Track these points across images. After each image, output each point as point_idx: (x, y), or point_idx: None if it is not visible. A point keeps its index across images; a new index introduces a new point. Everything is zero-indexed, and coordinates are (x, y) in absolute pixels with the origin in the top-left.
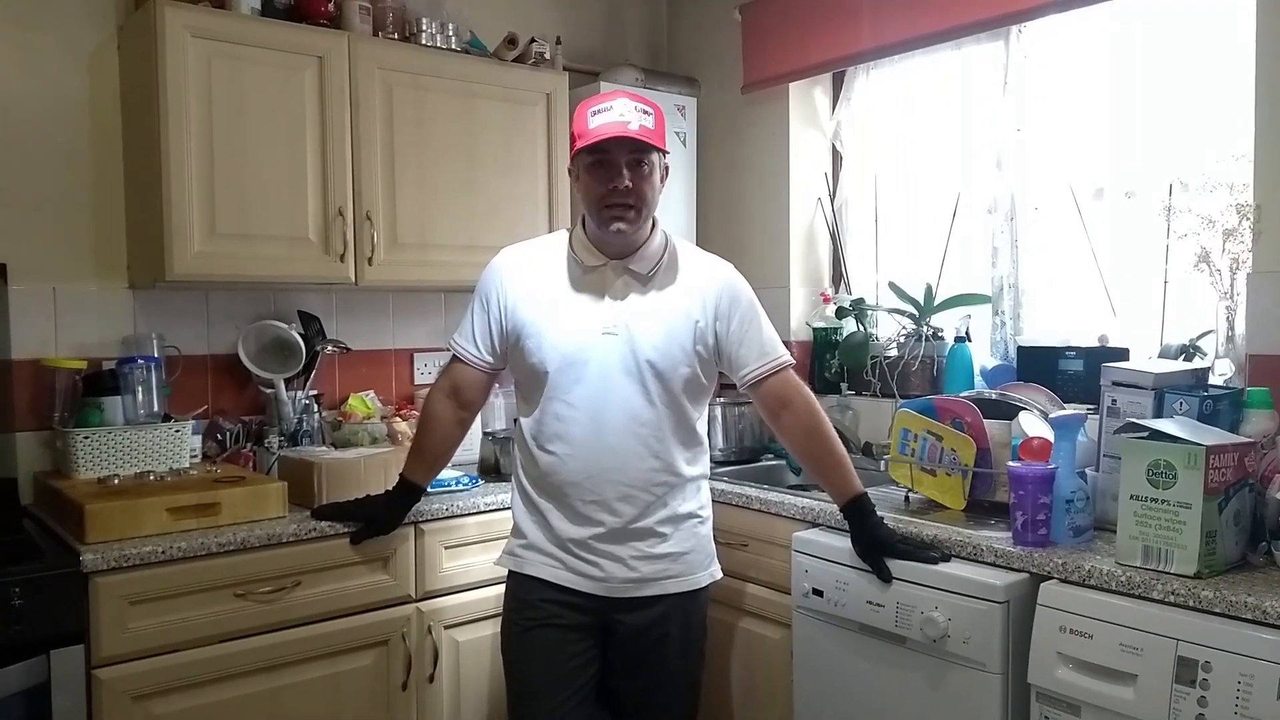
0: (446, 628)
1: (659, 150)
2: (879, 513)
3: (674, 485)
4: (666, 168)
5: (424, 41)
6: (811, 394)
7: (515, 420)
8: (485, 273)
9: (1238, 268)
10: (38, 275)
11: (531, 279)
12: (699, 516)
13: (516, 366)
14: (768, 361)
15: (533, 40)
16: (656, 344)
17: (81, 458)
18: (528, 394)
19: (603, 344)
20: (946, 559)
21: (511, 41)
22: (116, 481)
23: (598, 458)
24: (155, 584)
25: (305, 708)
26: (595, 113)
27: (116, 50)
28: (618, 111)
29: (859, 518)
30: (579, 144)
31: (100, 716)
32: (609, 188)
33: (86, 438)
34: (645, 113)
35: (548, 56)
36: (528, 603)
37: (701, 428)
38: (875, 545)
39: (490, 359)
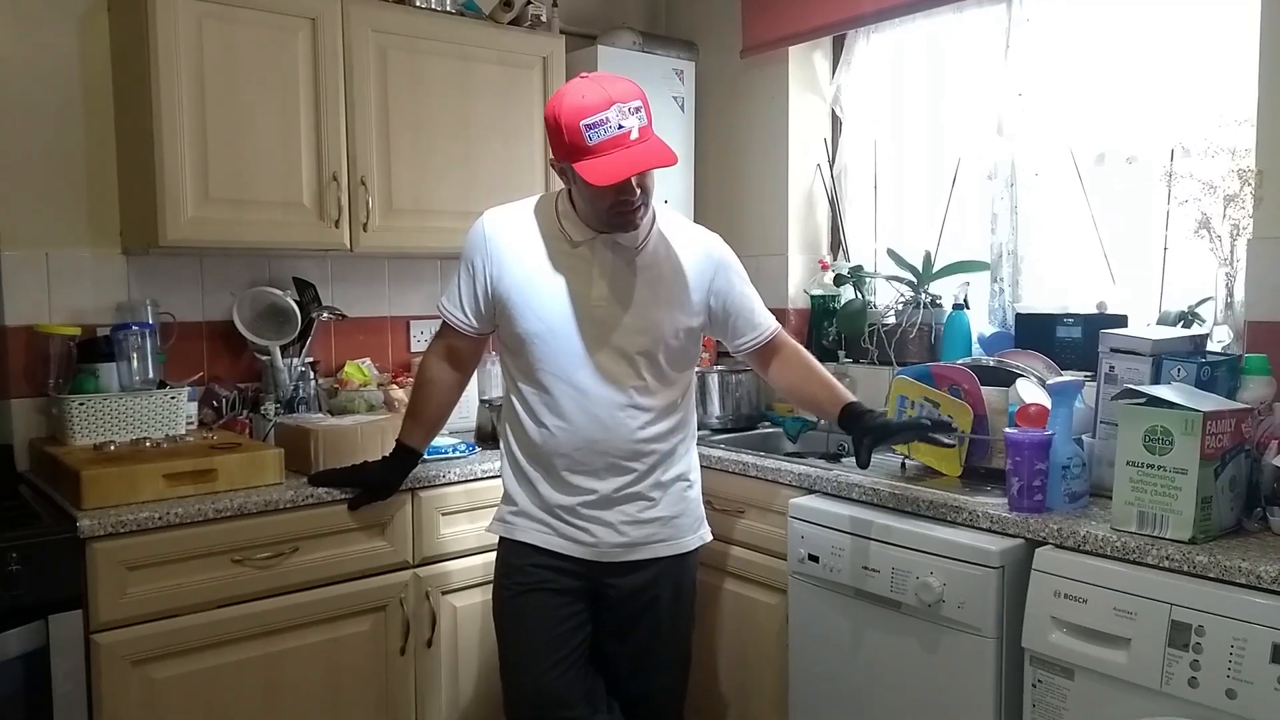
0: (444, 593)
1: None
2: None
3: (663, 454)
4: None
5: (418, 3)
6: (794, 341)
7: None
8: (470, 236)
9: (1238, 234)
10: (30, 241)
11: (517, 246)
12: (687, 480)
13: (503, 334)
14: (762, 333)
15: (529, 2)
16: (645, 317)
17: (77, 424)
18: (515, 363)
19: (590, 317)
20: (947, 425)
21: (507, 4)
22: (113, 448)
23: (585, 429)
24: (153, 550)
25: (304, 672)
26: (591, 127)
27: (107, 11)
28: (615, 124)
29: (857, 415)
30: (581, 170)
31: (99, 681)
32: (620, 199)
33: (82, 404)
34: (637, 111)
35: (544, 19)
36: (518, 568)
37: (688, 396)
38: (880, 431)
39: (477, 324)
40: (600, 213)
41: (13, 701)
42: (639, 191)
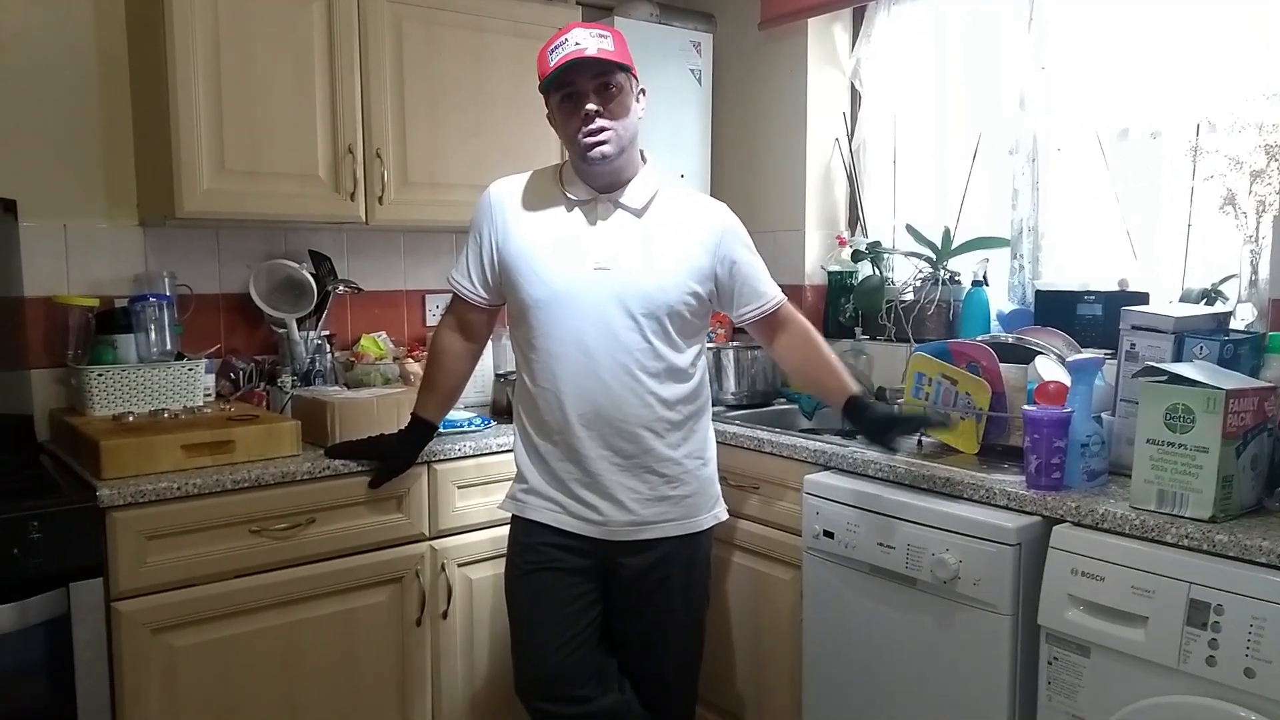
0: (459, 566)
1: (624, 71)
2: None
3: (672, 423)
4: (643, 90)
5: None
6: (803, 317)
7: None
8: (478, 205)
9: (1264, 210)
10: (48, 212)
11: (523, 212)
12: (701, 458)
13: (510, 301)
14: (766, 302)
15: None
16: (650, 280)
17: (96, 395)
18: (522, 333)
19: (594, 279)
20: (946, 419)
21: None
22: (131, 419)
23: (593, 396)
24: (171, 519)
25: (321, 642)
26: (553, 50)
27: None
28: (573, 42)
29: (860, 409)
30: (541, 77)
31: (120, 648)
32: (580, 116)
33: (100, 375)
34: (602, 37)
35: None
36: (529, 546)
37: (699, 366)
38: (882, 423)
39: (486, 294)
40: (571, 142)
41: (35, 668)
42: (598, 110)
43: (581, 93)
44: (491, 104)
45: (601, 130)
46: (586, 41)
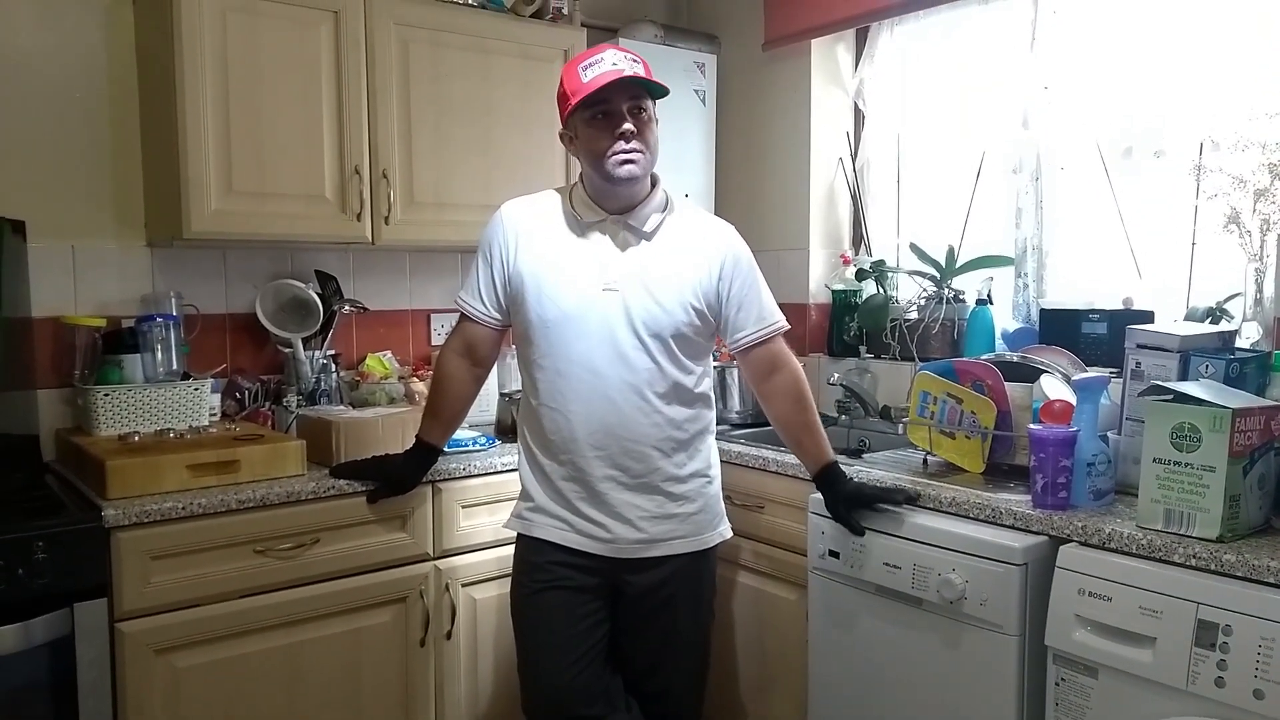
0: (464, 585)
1: (653, 98)
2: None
3: (679, 442)
4: (657, 119)
5: None
6: (798, 363)
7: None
8: (488, 226)
9: (1268, 229)
10: (57, 233)
11: (534, 232)
12: (706, 476)
13: (518, 321)
14: (764, 327)
15: None
16: (657, 301)
17: (102, 415)
18: (530, 353)
19: (603, 300)
20: (916, 497)
21: None
22: (137, 439)
23: (600, 415)
24: (176, 539)
25: (325, 662)
26: (586, 67)
27: (131, 4)
28: (609, 61)
29: (832, 481)
30: (576, 99)
31: (124, 669)
32: (615, 135)
33: (107, 395)
34: (634, 61)
35: (565, 12)
36: (536, 565)
37: (704, 386)
38: (849, 499)
39: (497, 315)
40: (597, 159)
41: (39, 688)
42: (633, 130)
43: (616, 112)
44: (497, 125)
45: (634, 150)
46: (623, 64)
